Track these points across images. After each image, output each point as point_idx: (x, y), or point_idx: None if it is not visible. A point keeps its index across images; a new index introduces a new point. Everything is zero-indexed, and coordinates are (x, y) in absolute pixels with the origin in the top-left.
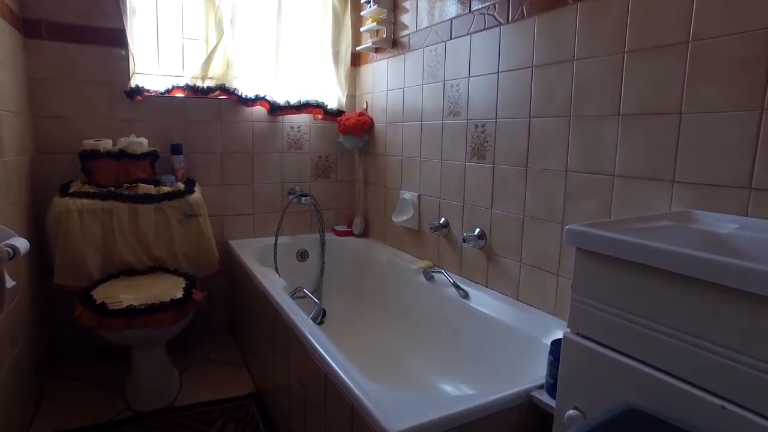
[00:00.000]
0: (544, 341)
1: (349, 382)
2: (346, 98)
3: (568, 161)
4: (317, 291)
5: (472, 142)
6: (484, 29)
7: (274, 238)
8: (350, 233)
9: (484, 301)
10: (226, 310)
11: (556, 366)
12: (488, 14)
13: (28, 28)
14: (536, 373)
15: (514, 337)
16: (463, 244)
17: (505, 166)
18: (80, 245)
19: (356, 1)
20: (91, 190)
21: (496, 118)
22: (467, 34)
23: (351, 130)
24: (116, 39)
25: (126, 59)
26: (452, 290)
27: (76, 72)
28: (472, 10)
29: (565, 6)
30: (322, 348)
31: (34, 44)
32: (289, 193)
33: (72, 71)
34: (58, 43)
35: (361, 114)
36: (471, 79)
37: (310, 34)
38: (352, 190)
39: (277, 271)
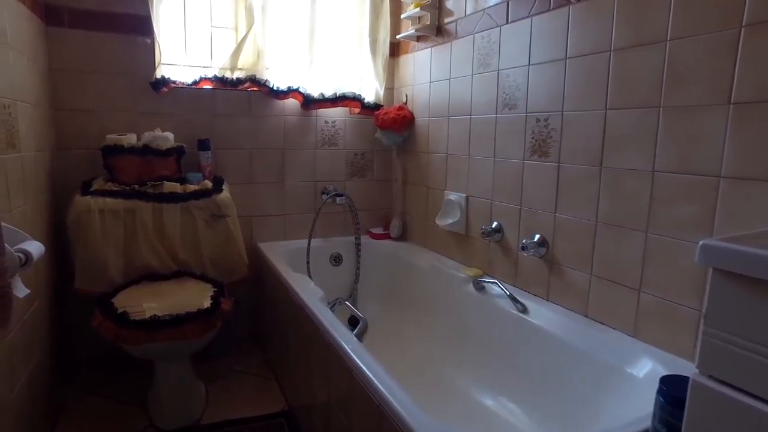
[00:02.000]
0: (628, 370)
1: (408, 420)
2: (384, 91)
3: (656, 160)
4: (352, 298)
5: (533, 139)
6: (549, 10)
7: (305, 241)
8: (387, 236)
9: (546, 316)
10: (251, 317)
11: (669, 412)
12: None
13: (50, 15)
14: (617, 408)
15: (584, 360)
16: (522, 252)
17: (572, 165)
18: (101, 247)
19: None
20: (114, 189)
21: (562, 111)
22: (527, 17)
23: (390, 125)
24: (141, 27)
25: (151, 48)
26: (507, 303)
27: (98, 62)
28: None
29: None
30: (375, 376)
31: (55, 32)
32: (323, 193)
33: (94, 61)
34: (81, 31)
35: (400, 108)
36: (531, 67)
37: (346, 21)
38: (389, 190)
39: (310, 277)
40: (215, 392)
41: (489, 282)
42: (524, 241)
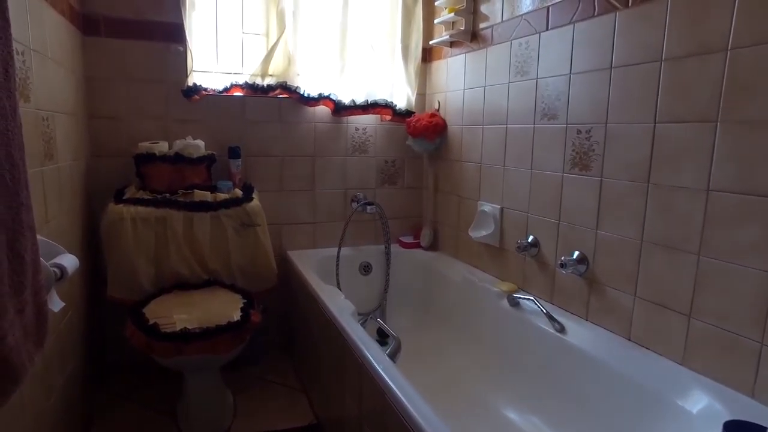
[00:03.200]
0: (679, 403)
1: None
2: (416, 97)
3: (712, 177)
4: (381, 308)
5: (573, 151)
6: (594, 16)
7: (335, 249)
8: (417, 245)
9: (585, 337)
10: (280, 325)
11: None
12: None
13: (88, 24)
14: None
15: (627, 386)
16: (560, 269)
17: (617, 180)
18: (133, 255)
19: None
20: (146, 197)
21: (606, 123)
22: (569, 23)
23: (422, 133)
24: (174, 34)
25: (183, 56)
26: (543, 321)
27: (132, 70)
28: None
29: None
30: (408, 401)
31: (92, 42)
32: (353, 201)
33: (128, 69)
34: (115, 40)
35: (433, 115)
36: (573, 76)
37: (378, 26)
38: (419, 198)
39: (339, 288)
40: (243, 402)
41: (524, 298)
42: (563, 258)
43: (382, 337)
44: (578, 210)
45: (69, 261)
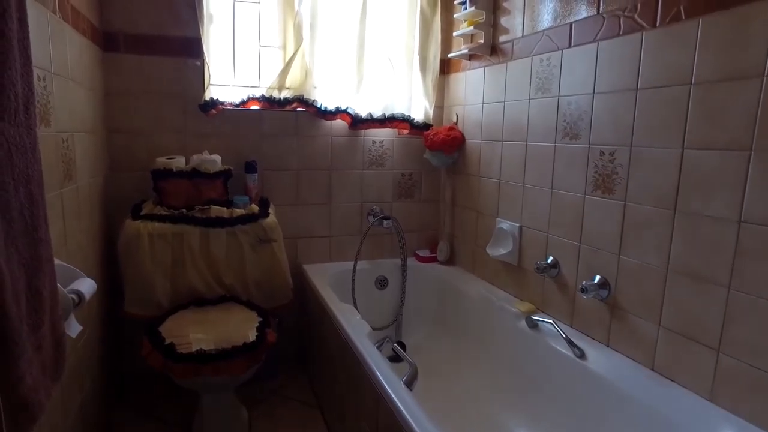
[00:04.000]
0: None
1: None
2: (434, 110)
3: (745, 207)
4: (397, 322)
5: (596, 172)
6: (619, 35)
7: (350, 263)
8: (434, 259)
9: (606, 363)
10: (295, 337)
11: None
12: (626, 16)
13: (108, 41)
14: None
15: (651, 418)
16: (581, 294)
17: (641, 204)
18: (150, 271)
19: (447, 1)
20: (163, 213)
21: (630, 145)
22: (593, 41)
23: (440, 146)
24: (191, 49)
25: (201, 70)
26: (563, 344)
27: (149, 84)
28: (601, 11)
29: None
30: None
31: (111, 57)
32: (369, 214)
33: (146, 84)
34: (134, 56)
35: (451, 128)
36: (596, 95)
37: (396, 38)
38: (436, 212)
39: (354, 302)
40: (258, 418)
41: (544, 321)
42: (584, 283)
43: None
44: (600, 233)
45: (86, 286)
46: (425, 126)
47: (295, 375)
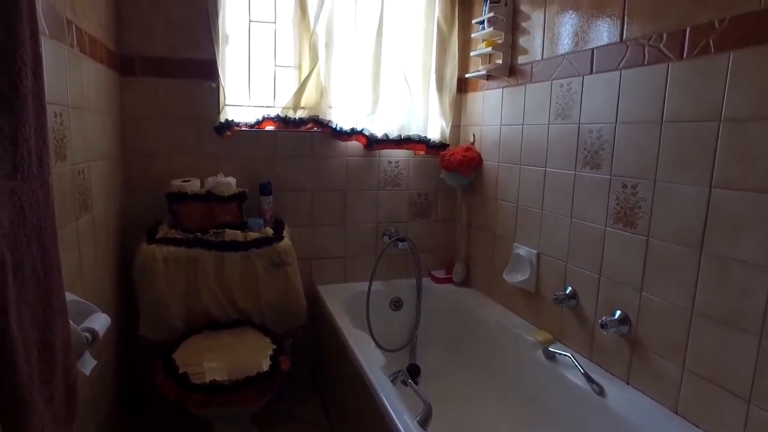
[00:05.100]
0: None
1: None
2: (450, 128)
3: None
4: (412, 343)
5: (617, 205)
6: (643, 65)
7: (365, 284)
8: (449, 280)
9: (627, 403)
10: (308, 357)
11: None
12: (650, 45)
13: (124, 65)
14: None
15: None
16: (601, 329)
17: (665, 242)
18: (164, 295)
19: (464, 20)
20: (177, 236)
21: (654, 180)
22: (616, 69)
23: (456, 168)
24: (207, 71)
25: (216, 92)
26: (581, 378)
27: (165, 107)
28: (624, 38)
29: None
30: None
31: (127, 81)
32: (384, 235)
33: (161, 106)
34: (150, 79)
35: (467, 149)
36: (618, 125)
37: (412, 57)
38: (452, 232)
39: (369, 326)
40: None
41: (562, 354)
42: (604, 318)
43: (412, 374)
44: (621, 267)
45: (100, 322)
46: (441, 146)
47: (308, 395)
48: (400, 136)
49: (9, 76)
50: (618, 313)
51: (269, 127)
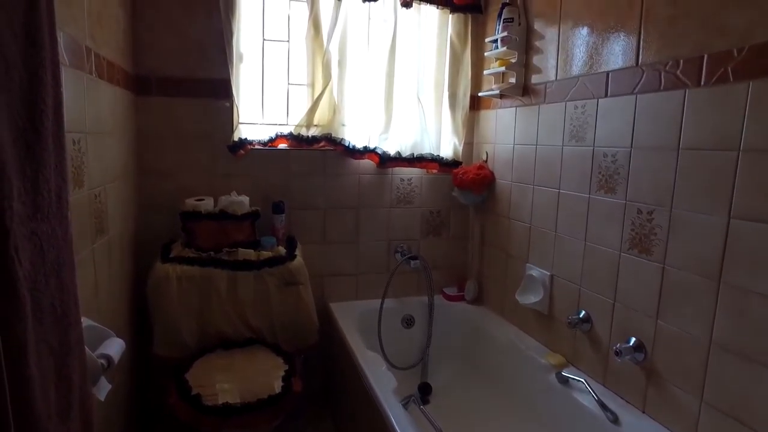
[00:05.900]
0: None
1: None
2: (463, 146)
3: None
4: (424, 361)
5: (632, 230)
6: (660, 90)
7: (377, 301)
8: (461, 298)
9: None
10: (319, 373)
11: None
12: (667, 72)
13: (140, 85)
14: None
15: None
16: (615, 357)
17: (682, 270)
18: (177, 313)
19: (477, 38)
20: (191, 255)
21: (671, 208)
22: (631, 93)
23: (469, 186)
24: (220, 90)
25: (229, 111)
26: (594, 404)
27: (179, 126)
28: (640, 63)
29: None
30: None
31: (142, 101)
32: (396, 252)
33: (175, 125)
34: (164, 98)
35: (480, 167)
36: (634, 150)
37: (425, 74)
38: (464, 249)
39: (381, 345)
40: None
41: (576, 379)
42: (618, 346)
43: (423, 393)
44: (636, 294)
45: (115, 348)
46: (454, 163)
47: (319, 413)
48: (413, 154)
49: (31, 121)
50: (633, 340)
51: (282, 145)
